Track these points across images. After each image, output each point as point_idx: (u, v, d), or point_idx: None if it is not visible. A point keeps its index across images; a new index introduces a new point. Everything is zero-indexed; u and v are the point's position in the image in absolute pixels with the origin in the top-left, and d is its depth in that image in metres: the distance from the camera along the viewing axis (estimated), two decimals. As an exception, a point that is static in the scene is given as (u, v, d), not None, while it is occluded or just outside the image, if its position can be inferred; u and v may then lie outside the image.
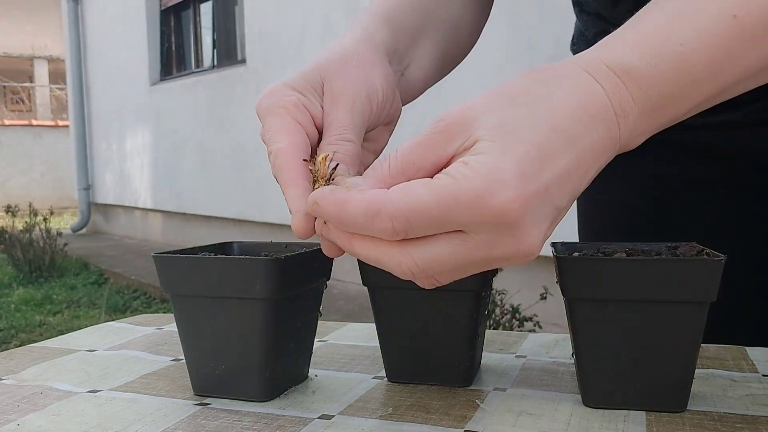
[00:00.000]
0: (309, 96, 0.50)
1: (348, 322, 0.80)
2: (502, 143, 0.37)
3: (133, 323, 0.82)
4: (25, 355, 0.69)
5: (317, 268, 0.56)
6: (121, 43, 7.54)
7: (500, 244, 0.38)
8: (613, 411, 0.50)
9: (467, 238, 0.38)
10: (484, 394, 0.54)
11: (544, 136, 0.38)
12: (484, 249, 0.38)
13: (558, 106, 0.39)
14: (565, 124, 0.38)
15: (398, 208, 0.37)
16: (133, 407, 0.53)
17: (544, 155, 0.37)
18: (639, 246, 0.56)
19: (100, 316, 4.37)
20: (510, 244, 0.38)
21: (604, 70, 0.40)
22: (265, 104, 0.49)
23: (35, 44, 14.87)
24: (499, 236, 0.38)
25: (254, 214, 5.53)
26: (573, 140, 0.38)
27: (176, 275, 0.53)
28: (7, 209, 6.08)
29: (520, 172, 0.36)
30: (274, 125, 0.48)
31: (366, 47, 0.54)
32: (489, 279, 0.55)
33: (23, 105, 15.68)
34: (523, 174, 0.37)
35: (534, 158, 0.37)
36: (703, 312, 0.48)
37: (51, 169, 12.17)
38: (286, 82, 0.50)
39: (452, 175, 0.37)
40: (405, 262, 0.39)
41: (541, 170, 0.37)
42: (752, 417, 0.48)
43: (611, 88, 0.40)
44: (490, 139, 0.38)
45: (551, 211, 0.39)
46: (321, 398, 0.54)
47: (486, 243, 0.38)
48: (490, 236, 0.38)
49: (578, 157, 0.39)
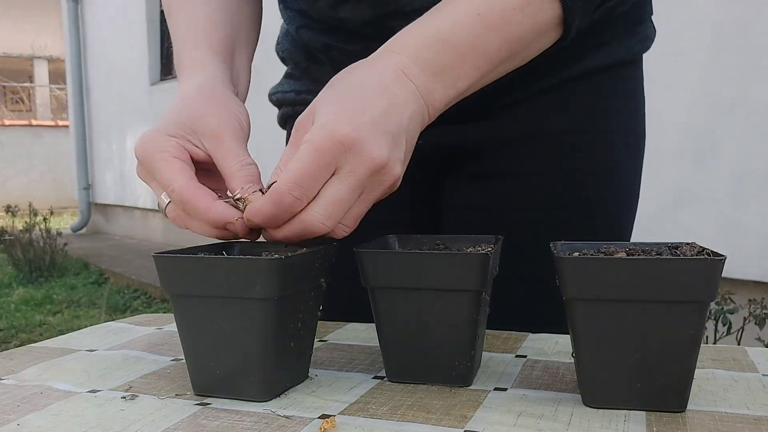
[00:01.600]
0: (183, 139, 0.58)
1: (348, 322, 0.80)
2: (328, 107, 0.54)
3: (133, 323, 0.82)
4: (25, 355, 0.69)
5: (317, 268, 0.56)
6: (121, 43, 7.54)
7: (359, 164, 0.52)
8: (613, 411, 0.50)
9: (341, 174, 0.52)
10: (485, 394, 0.54)
11: (355, 92, 0.55)
12: (353, 174, 0.52)
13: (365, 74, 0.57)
14: (373, 82, 0.55)
15: (288, 180, 0.51)
16: (133, 407, 0.53)
17: (360, 102, 0.53)
18: (639, 246, 0.56)
19: (100, 316, 4.37)
20: (365, 161, 0.52)
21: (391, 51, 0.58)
22: (149, 150, 0.57)
23: (35, 44, 14.87)
24: (356, 159, 0.52)
25: (254, 214, 5.53)
26: (382, 92, 0.55)
27: (176, 275, 0.53)
28: (7, 209, 6.08)
29: (346, 115, 0.52)
30: (163, 168, 0.56)
31: (216, 83, 0.63)
32: (489, 280, 0.55)
33: (23, 105, 15.68)
34: (348, 116, 0.52)
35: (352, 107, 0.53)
36: (703, 312, 0.48)
37: (51, 169, 12.17)
38: (159, 129, 0.58)
39: (307, 140, 0.52)
40: (316, 218, 0.52)
41: (362, 112, 0.53)
42: (753, 417, 0.48)
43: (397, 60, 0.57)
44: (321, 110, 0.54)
45: (387, 135, 0.53)
46: (321, 398, 0.54)
47: (351, 169, 0.52)
48: (351, 164, 0.52)
49: (390, 102, 0.54)
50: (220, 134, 0.58)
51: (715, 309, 2.16)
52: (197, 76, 0.64)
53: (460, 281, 0.53)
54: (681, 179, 2.83)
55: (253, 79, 0.77)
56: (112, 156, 8.02)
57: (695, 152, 2.78)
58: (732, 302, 2.20)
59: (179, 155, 0.57)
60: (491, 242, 0.61)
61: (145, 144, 0.58)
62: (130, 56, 7.37)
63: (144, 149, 0.58)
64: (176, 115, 0.60)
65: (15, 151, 12.06)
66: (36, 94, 15.68)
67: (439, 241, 0.63)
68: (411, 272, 0.54)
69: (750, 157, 2.64)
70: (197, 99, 0.61)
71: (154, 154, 0.57)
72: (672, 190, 2.85)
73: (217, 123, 0.59)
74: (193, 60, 0.67)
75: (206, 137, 0.58)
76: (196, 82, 0.63)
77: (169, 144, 0.57)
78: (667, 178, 2.85)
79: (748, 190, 2.65)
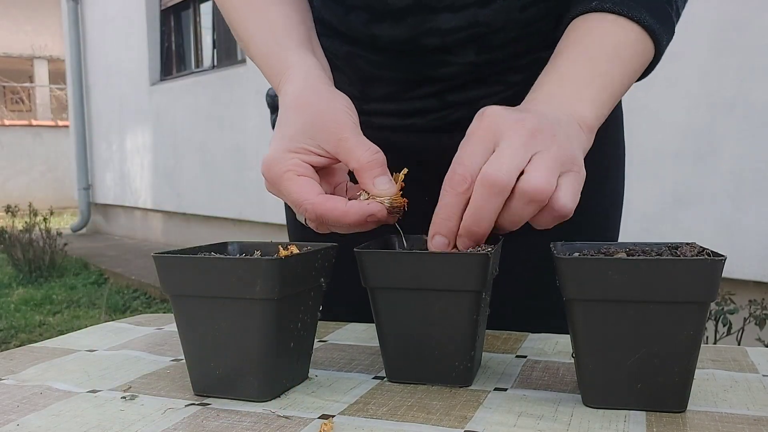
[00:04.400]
0: (304, 152, 0.59)
1: (348, 322, 0.80)
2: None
3: (133, 323, 0.82)
4: (25, 355, 0.68)
5: (317, 268, 0.56)
6: (121, 43, 7.54)
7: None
8: (613, 411, 0.50)
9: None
10: (485, 394, 0.54)
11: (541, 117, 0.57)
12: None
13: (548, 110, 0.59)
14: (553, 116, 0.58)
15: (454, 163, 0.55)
16: (133, 407, 0.53)
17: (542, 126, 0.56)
18: (639, 246, 0.56)
19: (100, 316, 4.37)
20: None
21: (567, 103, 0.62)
22: (274, 171, 0.59)
23: (35, 44, 14.87)
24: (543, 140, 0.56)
25: (254, 214, 5.53)
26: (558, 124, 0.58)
27: (176, 275, 0.53)
28: (7, 209, 6.08)
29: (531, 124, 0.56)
30: (292, 189, 0.58)
31: (318, 82, 0.64)
32: (489, 279, 0.55)
33: (23, 105, 15.68)
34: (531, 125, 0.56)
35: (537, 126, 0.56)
36: (703, 312, 0.48)
37: (51, 169, 12.17)
38: (280, 148, 0.60)
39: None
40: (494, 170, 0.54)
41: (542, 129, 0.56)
42: (753, 417, 0.48)
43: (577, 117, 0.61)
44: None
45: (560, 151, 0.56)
46: (321, 398, 0.54)
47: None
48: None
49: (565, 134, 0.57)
50: (341, 135, 0.59)
51: (715, 309, 2.16)
52: (298, 78, 0.64)
53: (460, 281, 0.53)
54: (681, 179, 2.83)
55: (254, 79, 0.77)
56: (112, 156, 8.03)
57: (695, 152, 2.79)
58: (732, 303, 2.20)
59: (304, 172, 0.59)
60: (491, 242, 0.61)
61: (270, 165, 0.59)
62: (130, 56, 7.37)
63: (270, 171, 0.59)
64: (293, 128, 0.61)
65: (15, 151, 12.06)
66: (36, 94, 15.68)
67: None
68: (411, 272, 0.54)
69: (750, 157, 2.64)
70: (308, 103, 0.62)
71: (281, 175, 0.58)
72: (672, 190, 2.85)
73: (334, 125, 0.59)
74: (288, 61, 0.67)
75: (327, 142, 0.59)
76: (300, 85, 0.64)
77: (292, 162, 0.59)
78: (667, 178, 2.85)
79: (748, 190, 2.65)
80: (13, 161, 12.04)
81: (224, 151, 5.95)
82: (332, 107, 0.61)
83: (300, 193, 0.57)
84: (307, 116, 0.60)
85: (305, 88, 0.63)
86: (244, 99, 5.56)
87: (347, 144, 0.59)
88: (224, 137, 5.93)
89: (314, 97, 0.62)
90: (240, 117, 5.63)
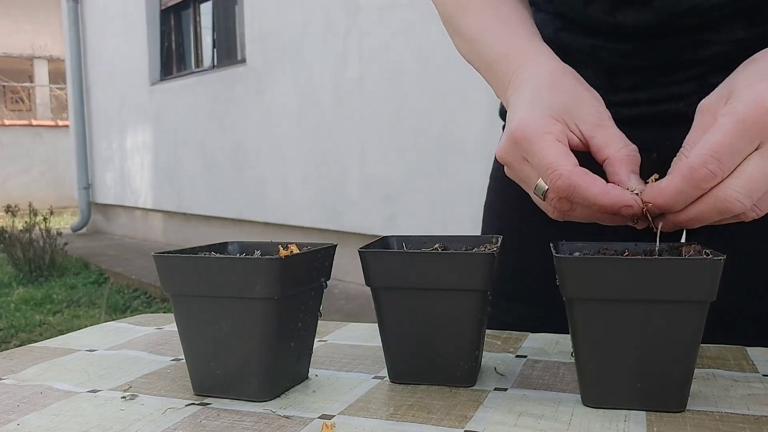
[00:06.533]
0: (565, 125, 0.56)
1: (348, 322, 0.80)
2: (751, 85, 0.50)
3: (133, 323, 0.82)
4: (25, 355, 0.69)
5: (317, 268, 0.56)
6: (121, 43, 7.54)
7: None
8: (613, 411, 0.50)
9: (764, 149, 0.48)
10: (485, 394, 0.54)
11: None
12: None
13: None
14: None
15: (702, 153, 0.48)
16: (133, 407, 0.53)
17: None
18: (639, 246, 0.56)
19: (100, 316, 4.37)
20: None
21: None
22: (532, 130, 0.54)
23: (35, 44, 14.87)
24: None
25: (254, 214, 5.53)
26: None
27: (176, 275, 0.53)
28: (7, 209, 6.08)
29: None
30: (550, 151, 0.52)
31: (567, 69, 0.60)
32: (493, 279, 0.55)
33: (23, 105, 15.68)
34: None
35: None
36: (703, 312, 0.48)
37: (51, 169, 12.17)
38: (538, 112, 0.55)
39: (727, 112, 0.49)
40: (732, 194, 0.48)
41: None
42: (754, 417, 0.48)
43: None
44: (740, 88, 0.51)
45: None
46: (321, 398, 0.54)
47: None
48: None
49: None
50: (603, 121, 0.56)
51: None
52: (549, 61, 0.61)
53: (466, 281, 0.53)
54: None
55: (253, 79, 0.76)
56: (112, 156, 8.02)
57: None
58: (732, 302, 2.19)
59: (563, 140, 0.54)
60: (491, 242, 0.61)
61: (528, 123, 0.54)
62: (130, 56, 7.37)
63: (526, 128, 0.54)
64: (551, 101, 0.56)
65: (15, 150, 12.06)
66: (36, 94, 15.68)
67: (440, 241, 0.63)
68: (417, 272, 0.54)
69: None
70: (566, 83, 0.58)
71: (541, 135, 0.53)
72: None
73: (595, 110, 0.57)
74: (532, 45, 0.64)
75: (587, 123, 0.56)
76: (552, 67, 0.60)
77: (555, 128, 0.54)
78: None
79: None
80: (13, 161, 12.04)
81: (224, 151, 5.95)
82: (591, 94, 0.58)
83: (558, 156, 0.52)
84: (565, 95, 0.57)
85: (557, 70, 0.60)
86: (244, 99, 5.56)
87: (608, 131, 0.55)
88: (224, 137, 5.93)
89: (572, 79, 0.59)
90: (240, 117, 5.63)
